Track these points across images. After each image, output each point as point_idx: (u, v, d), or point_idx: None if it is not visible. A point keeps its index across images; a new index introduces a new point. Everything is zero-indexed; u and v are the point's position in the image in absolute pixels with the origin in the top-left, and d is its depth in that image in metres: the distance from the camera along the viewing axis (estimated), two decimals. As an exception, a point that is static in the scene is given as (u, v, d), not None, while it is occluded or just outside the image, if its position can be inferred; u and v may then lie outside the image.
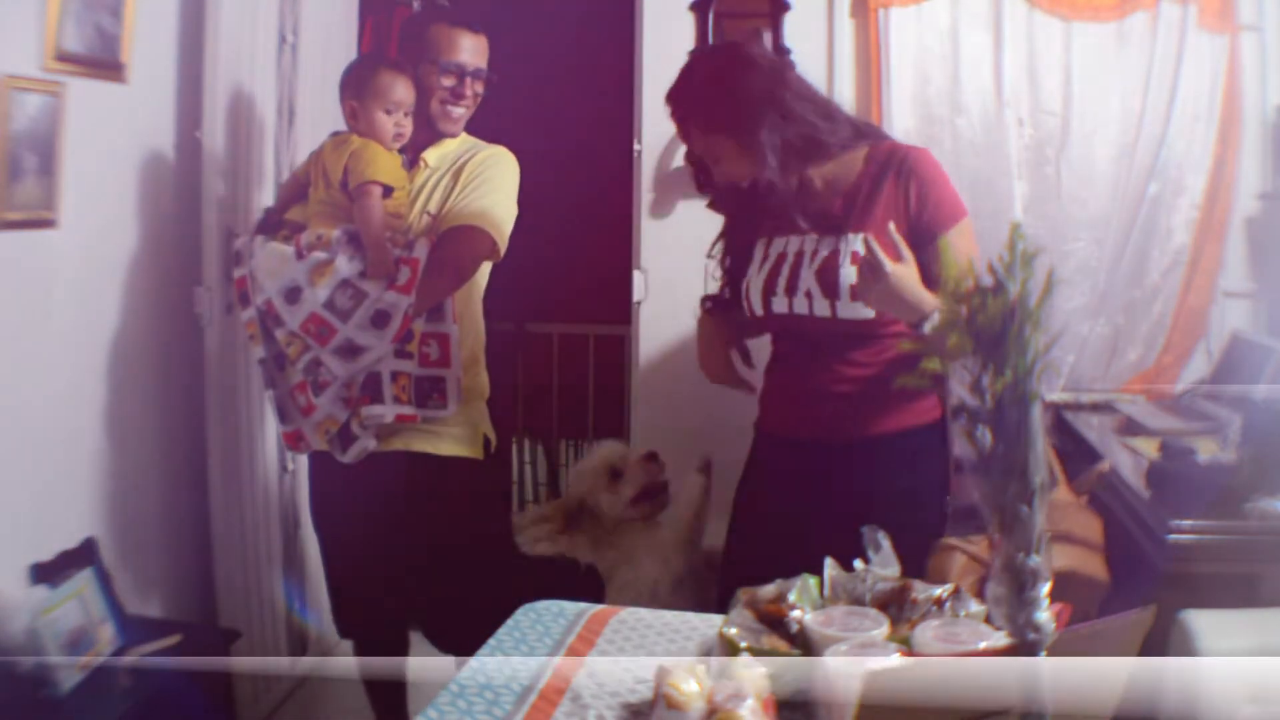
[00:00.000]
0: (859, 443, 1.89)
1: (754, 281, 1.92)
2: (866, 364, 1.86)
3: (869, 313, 1.79)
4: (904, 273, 1.67)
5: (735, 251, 2.01)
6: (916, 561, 1.77)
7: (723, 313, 2.05)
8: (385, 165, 2.11)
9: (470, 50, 2.19)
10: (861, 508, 1.79)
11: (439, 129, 2.22)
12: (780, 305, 1.88)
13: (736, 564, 2.00)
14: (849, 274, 1.79)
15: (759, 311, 1.92)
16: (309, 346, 2.07)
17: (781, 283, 1.88)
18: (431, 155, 2.23)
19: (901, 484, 1.88)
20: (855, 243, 1.81)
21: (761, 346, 2.09)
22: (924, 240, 1.80)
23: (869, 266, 1.68)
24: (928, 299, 1.67)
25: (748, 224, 1.97)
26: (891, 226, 1.73)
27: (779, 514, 1.96)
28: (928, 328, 1.67)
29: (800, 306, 1.86)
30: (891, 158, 1.87)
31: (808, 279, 1.84)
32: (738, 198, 1.96)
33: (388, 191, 2.11)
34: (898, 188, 1.84)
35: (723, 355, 2.05)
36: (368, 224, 2.07)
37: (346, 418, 2.10)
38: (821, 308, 1.83)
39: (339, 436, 2.11)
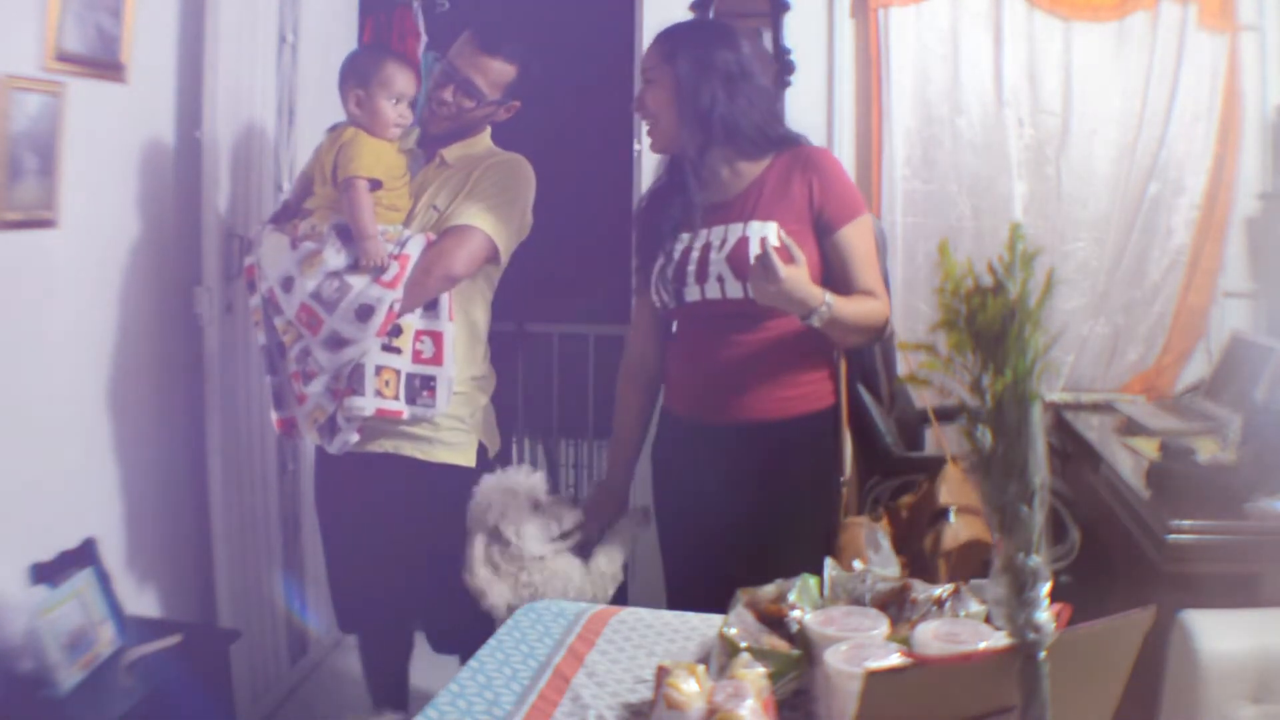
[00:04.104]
0: (759, 426, 1.96)
1: (662, 275, 2.00)
2: (766, 342, 1.95)
3: None
4: (795, 275, 1.77)
5: (646, 254, 2.07)
6: (815, 542, 1.90)
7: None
8: (370, 158, 2.10)
9: (478, 67, 2.18)
10: (762, 490, 1.94)
11: (429, 129, 2.24)
12: (692, 294, 1.96)
13: (666, 548, 2.11)
14: None
15: (670, 303, 2.00)
16: (301, 336, 2.08)
17: (691, 272, 1.95)
18: (451, 153, 2.24)
19: (796, 467, 1.98)
20: (764, 229, 1.91)
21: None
22: (825, 232, 1.94)
23: (764, 269, 1.76)
24: (814, 294, 1.80)
25: (658, 226, 2.04)
26: (782, 233, 1.85)
27: (689, 495, 2.03)
28: (815, 320, 1.81)
29: (712, 291, 1.94)
30: (797, 155, 1.98)
31: (718, 264, 1.92)
32: (656, 197, 2.07)
33: (377, 185, 2.11)
34: (803, 183, 1.94)
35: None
36: (355, 217, 2.08)
37: (334, 409, 2.10)
38: (734, 290, 1.91)
39: (326, 427, 2.12)
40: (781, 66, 2.94)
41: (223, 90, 2.48)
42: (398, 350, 2.11)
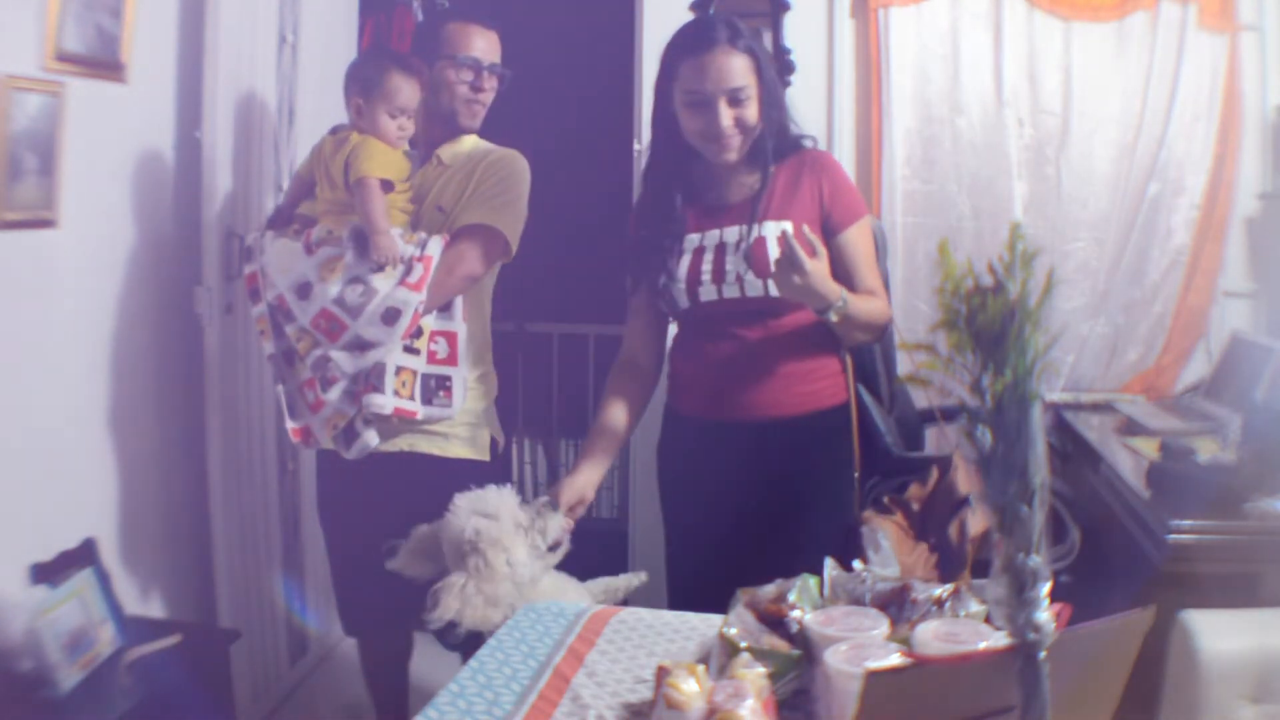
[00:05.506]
0: (775, 423, 1.95)
1: (673, 277, 1.98)
2: (779, 338, 1.95)
3: None
4: (819, 268, 1.81)
5: (647, 254, 2.04)
6: (831, 540, 1.88)
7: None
8: (382, 160, 2.10)
9: (484, 46, 2.22)
10: (776, 487, 1.94)
11: (460, 124, 2.24)
12: (708, 294, 1.95)
13: (673, 549, 2.10)
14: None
15: (684, 304, 1.99)
16: (318, 342, 2.08)
17: (707, 271, 1.95)
18: (446, 153, 2.24)
19: (813, 464, 1.98)
20: (779, 229, 1.90)
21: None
22: (831, 234, 1.96)
23: (790, 262, 1.78)
24: (833, 289, 1.84)
25: (661, 231, 2.02)
26: (806, 228, 1.86)
27: (701, 495, 2.02)
28: (832, 314, 1.83)
29: (730, 291, 1.94)
30: (804, 158, 2.00)
31: (736, 263, 1.93)
32: (656, 200, 2.06)
33: (389, 186, 2.11)
34: (812, 184, 1.97)
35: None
36: (367, 213, 2.07)
37: (353, 414, 2.10)
38: (753, 288, 1.92)
39: (344, 433, 2.12)
40: (781, 66, 2.94)
41: (223, 90, 2.48)
42: (416, 351, 2.12)
